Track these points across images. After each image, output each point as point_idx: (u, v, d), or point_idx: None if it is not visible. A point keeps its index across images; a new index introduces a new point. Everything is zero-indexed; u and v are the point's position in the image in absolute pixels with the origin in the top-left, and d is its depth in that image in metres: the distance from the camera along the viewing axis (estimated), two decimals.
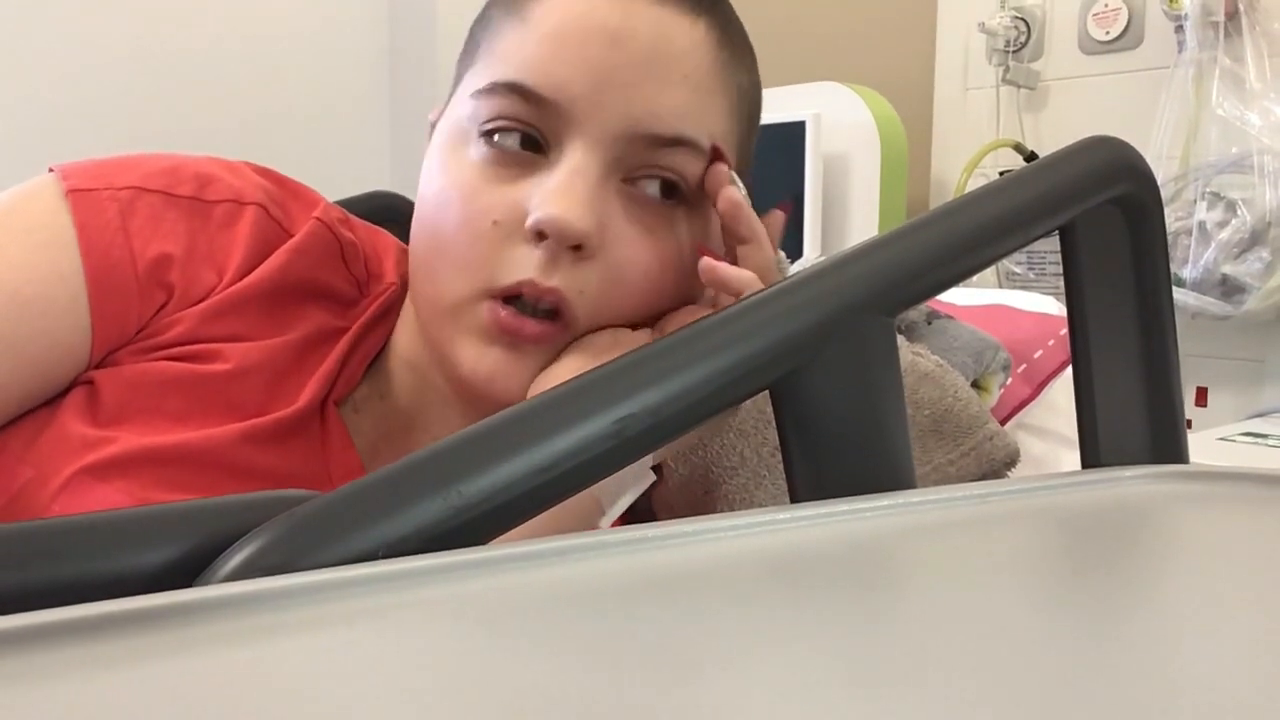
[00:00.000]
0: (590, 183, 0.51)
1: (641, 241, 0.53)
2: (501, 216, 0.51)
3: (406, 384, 0.59)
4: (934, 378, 0.75)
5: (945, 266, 0.44)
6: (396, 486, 0.32)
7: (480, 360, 0.52)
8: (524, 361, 0.52)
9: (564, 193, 0.50)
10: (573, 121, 0.51)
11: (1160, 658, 0.23)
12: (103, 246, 0.52)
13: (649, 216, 0.53)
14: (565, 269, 0.51)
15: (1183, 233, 1.57)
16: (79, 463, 0.48)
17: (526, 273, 0.50)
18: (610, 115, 0.51)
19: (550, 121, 0.51)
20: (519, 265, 0.51)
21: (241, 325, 0.54)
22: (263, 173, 0.59)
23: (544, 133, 0.52)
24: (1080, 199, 0.46)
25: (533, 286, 0.50)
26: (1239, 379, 1.68)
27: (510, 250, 0.51)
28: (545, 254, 0.50)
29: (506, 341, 0.51)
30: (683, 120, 0.52)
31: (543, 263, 0.50)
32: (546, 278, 0.50)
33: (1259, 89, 1.56)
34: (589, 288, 0.51)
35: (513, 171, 0.52)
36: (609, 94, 0.50)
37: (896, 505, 0.36)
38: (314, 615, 0.25)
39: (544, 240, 0.50)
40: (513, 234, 0.51)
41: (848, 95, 1.69)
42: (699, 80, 0.52)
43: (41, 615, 0.23)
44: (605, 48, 0.50)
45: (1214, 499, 0.38)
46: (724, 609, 0.26)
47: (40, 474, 0.49)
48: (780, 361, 0.40)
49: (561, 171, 0.51)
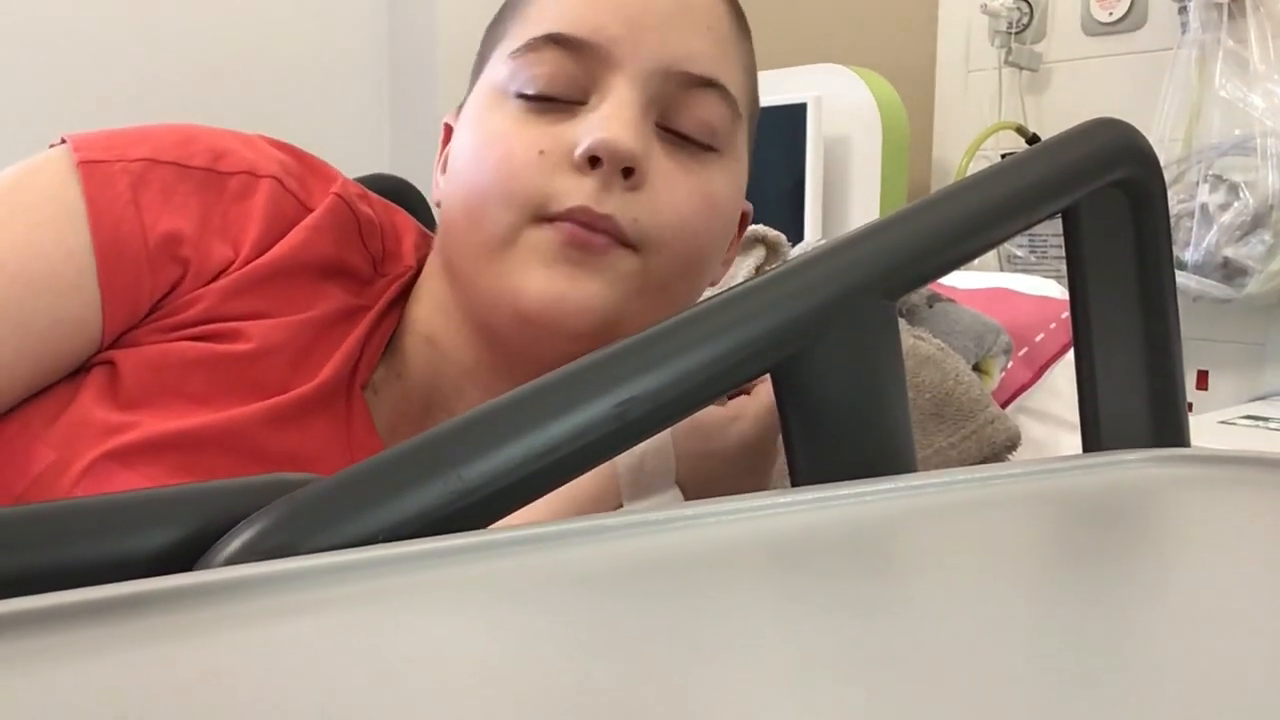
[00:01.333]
0: (636, 112, 0.52)
1: (682, 177, 0.54)
2: (548, 147, 0.52)
3: (424, 361, 0.58)
4: (935, 361, 0.75)
5: (947, 250, 0.44)
6: (397, 470, 0.32)
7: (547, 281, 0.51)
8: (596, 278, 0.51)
9: (613, 118, 0.51)
10: (611, 63, 0.52)
11: (1161, 641, 0.23)
12: (112, 220, 0.51)
13: (685, 157, 0.55)
14: (618, 196, 0.51)
15: (1185, 215, 1.56)
16: (100, 448, 0.48)
17: (579, 199, 0.51)
18: (647, 54, 0.52)
19: (590, 67, 0.53)
20: (571, 193, 0.51)
21: (262, 303, 0.54)
22: (279, 146, 0.59)
23: (583, 82, 0.53)
24: (1083, 182, 0.46)
25: (587, 212, 0.51)
26: (1240, 362, 1.68)
27: (559, 179, 0.51)
28: (598, 181, 0.51)
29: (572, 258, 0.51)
30: (713, 63, 0.54)
31: (596, 190, 0.51)
32: (600, 204, 0.51)
33: (1262, 71, 1.55)
34: (642, 215, 0.52)
35: (554, 116, 0.53)
36: (644, 34, 0.52)
37: (897, 489, 0.36)
38: (314, 599, 0.25)
39: (596, 167, 0.51)
40: (560, 163, 0.52)
41: (849, 77, 1.68)
42: (721, 32, 0.55)
43: (42, 599, 0.23)
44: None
45: (1215, 482, 0.38)
46: (725, 593, 0.26)
47: (61, 458, 0.49)
48: (781, 345, 0.40)
49: (608, 104, 0.52)
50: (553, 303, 0.51)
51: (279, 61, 1.47)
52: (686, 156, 0.55)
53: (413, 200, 0.72)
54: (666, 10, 0.53)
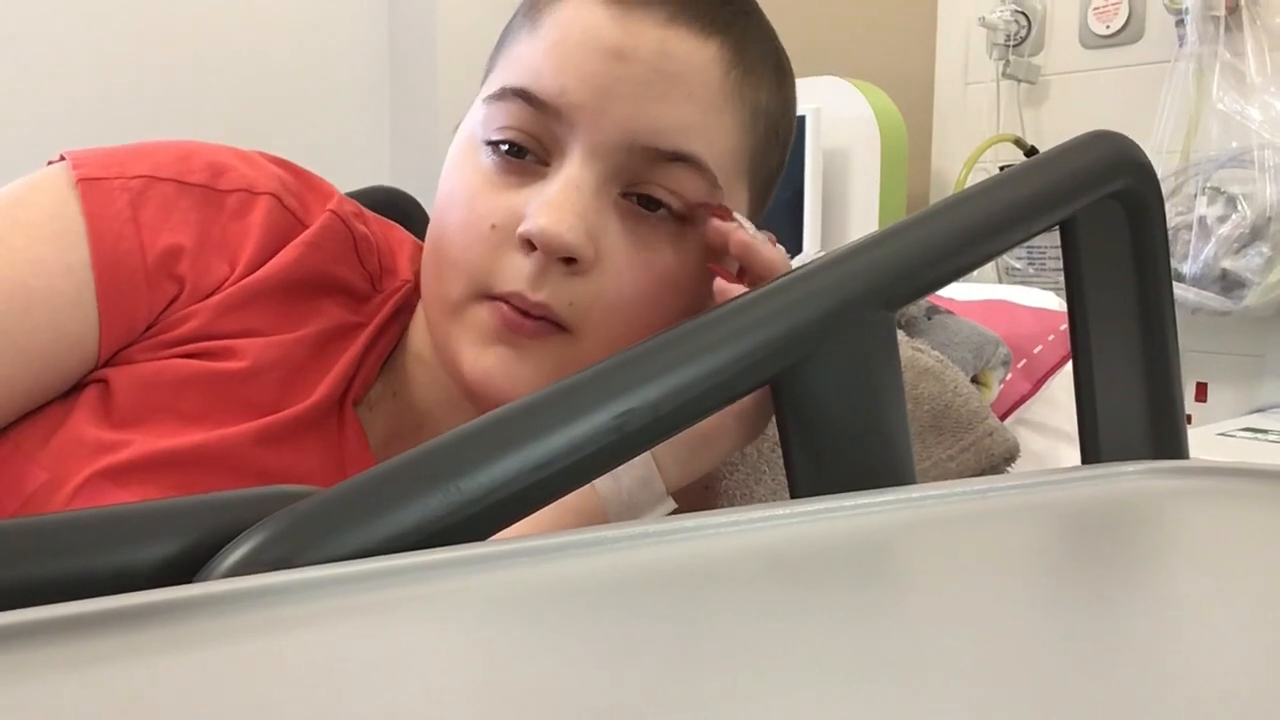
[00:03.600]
0: (585, 195, 0.50)
1: (638, 255, 0.52)
2: (499, 221, 0.52)
3: (421, 381, 0.59)
4: (934, 373, 0.75)
5: (945, 261, 0.44)
6: (396, 482, 0.32)
7: (479, 359, 0.52)
8: (524, 362, 0.52)
9: (556, 204, 0.50)
10: (574, 131, 0.51)
11: (1160, 653, 0.23)
12: (112, 238, 0.51)
13: (647, 231, 0.53)
14: (555, 281, 0.51)
15: (1183, 228, 1.57)
16: (93, 467, 0.48)
17: (517, 284, 0.51)
18: (610, 126, 0.50)
19: (553, 130, 0.51)
20: (511, 274, 0.51)
21: (256, 319, 0.54)
22: (278, 162, 0.59)
23: (546, 143, 0.52)
24: (1081, 194, 0.46)
25: (520, 299, 0.51)
26: (1239, 374, 1.68)
27: (505, 256, 0.51)
28: (535, 266, 0.50)
29: (506, 339, 0.51)
30: (684, 136, 0.51)
31: (532, 275, 0.50)
32: (534, 290, 0.50)
33: (1259, 83, 1.56)
34: (581, 300, 0.51)
35: (516, 179, 0.52)
36: (609, 105, 0.50)
37: (896, 501, 0.36)
38: (314, 610, 0.25)
39: (534, 251, 0.50)
40: (508, 239, 0.51)
41: (848, 90, 1.68)
42: (705, 99, 0.52)
43: (43, 611, 0.23)
44: (607, 62, 0.50)
45: (1214, 494, 0.38)
46: (723, 604, 0.26)
47: (54, 477, 0.48)
48: (780, 356, 0.40)
49: (557, 182, 0.51)
50: (482, 380, 0.52)
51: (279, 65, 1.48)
52: (648, 230, 0.53)
53: (410, 211, 0.72)
54: (641, 79, 0.50)
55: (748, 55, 0.54)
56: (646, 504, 0.52)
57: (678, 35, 0.51)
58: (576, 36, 0.51)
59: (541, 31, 0.52)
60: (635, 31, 0.51)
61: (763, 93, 0.56)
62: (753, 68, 0.55)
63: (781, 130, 0.59)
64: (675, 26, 0.51)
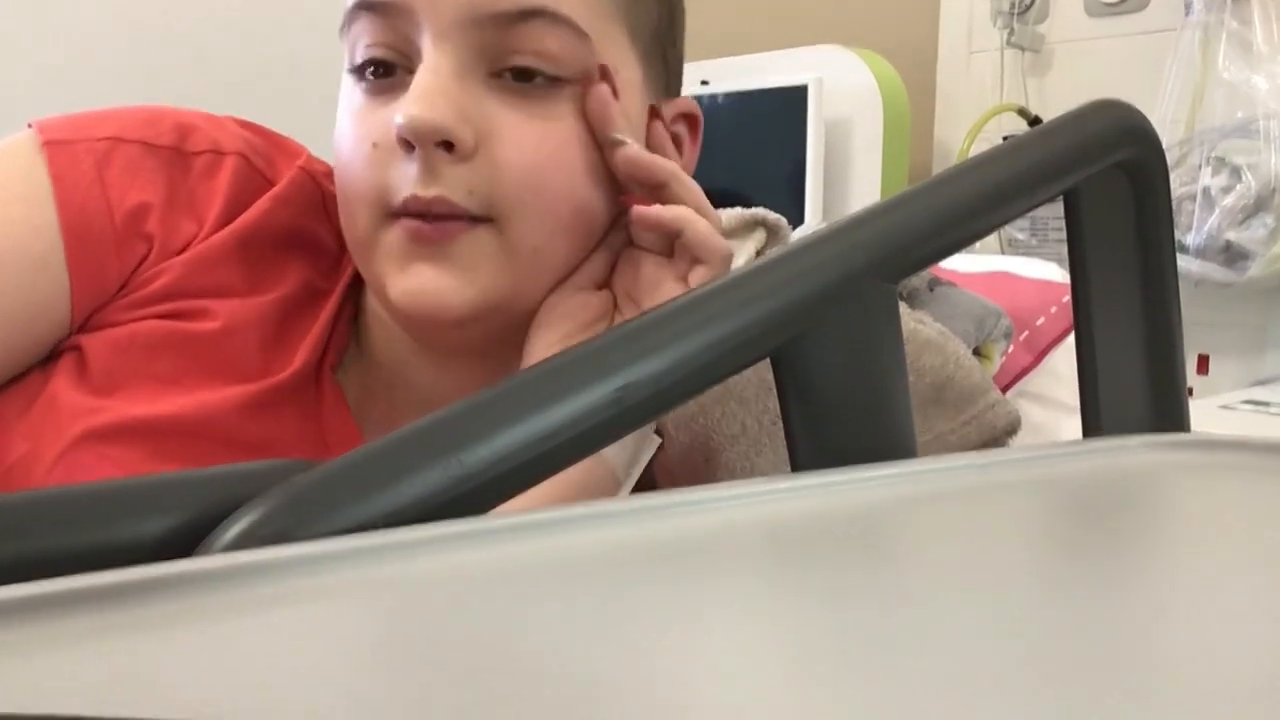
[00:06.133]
0: (444, 77, 0.49)
1: (527, 126, 0.51)
2: (379, 137, 0.51)
3: (381, 338, 0.58)
4: (936, 345, 0.75)
5: (948, 233, 0.44)
6: (396, 455, 0.32)
7: (402, 282, 0.50)
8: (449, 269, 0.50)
9: (417, 94, 0.49)
10: (418, 24, 0.50)
11: (1161, 627, 0.23)
12: (79, 198, 0.51)
13: (531, 103, 0.51)
14: (445, 173, 0.49)
15: (1187, 199, 1.56)
16: (72, 433, 0.48)
17: (408, 188, 0.49)
18: (447, 5, 0.49)
19: (404, 32, 0.50)
20: (401, 181, 0.50)
21: (228, 276, 0.54)
22: (246, 125, 0.59)
23: (405, 49, 0.51)
24: (1085, 164, 0.46)
25: (415, 200, 0.49)
26: (1241, 346, 1.67)
27: (393, 169, 0.50)
28: (419, 163, 0.49)
29: (421, 254, 0.50)
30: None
31: (420, 174, 0.49)
32: (425, 188, 0.49)
33: (1266, 53, 1.55)
34: (480, 185, 0.50)
35: (386, 96, 0.51)
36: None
37: (898, 474, 0.36)
38: (313, 585, 0.25)
39: (413, 150, 0.49)
40: (391, 152, 0.50)
41: (850, 59, 1.67)
42: None
43: (39, 586, 0.23)
44: None
45: (1215, 467, 0.38)
46: (725, 577, 0.26)
47: (35, 448, 0.49)
48: (782, 329, 0.40)
49: (416, 76, 0.50)
50: (413, 301, 0.50)
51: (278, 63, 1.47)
52: (531, 101, 0.51)
53: None
54: None
55: None
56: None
57: None
58: None
59: None
60: None
61: None
62: None
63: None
64: None
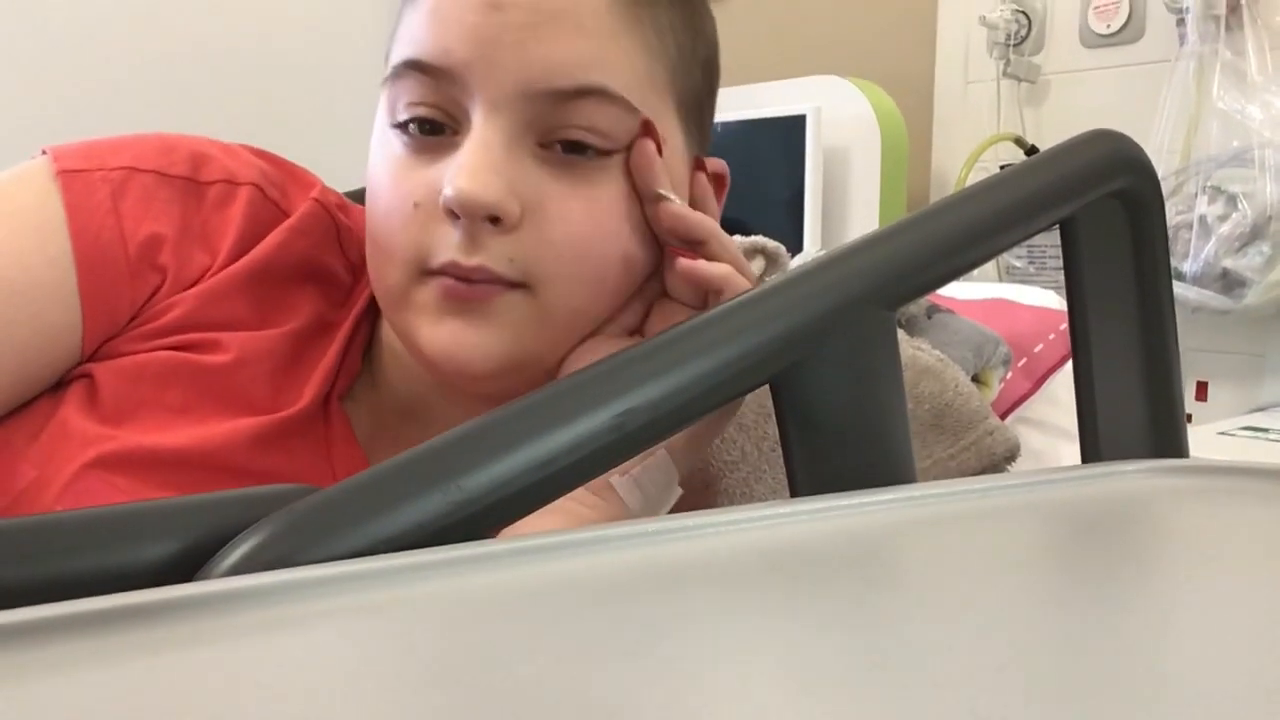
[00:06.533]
0: (495, 152, 0.49)
1: (573, 197, 0.51)
2: (421, 198, 0.51)
3: (398, 373, 0.58)
4: (934, 372, 0.75)
5: (946, 260, 0.44)
6: (396, 481, 0.32)
7: (436, 336, 0.51)
8: (481, 328, 0.50)
9: (468, 166, 0.49)
10: (470, 91, 0.50)
11: (1160, 653, 0.23)
12: (93, 229, 0.51)
13: (578, 175, 0.51)
14: (487, 243, 0.49)
15: (1183, 227, 1.57)
16: (81, 459, 0.48)
17: (449, 254, 0.50)
18: (503, 77, 0.49)
19: (453, 95, 0.50)
20: (443, 245, 0.50)
21: (240, 309, 0.54)
22: (260, 154, 0.59)
23: (452, 111, 0.51)
24: (1081, 193, 0.46)
25: (456, 267, 0.49)
26: (1239, 373, 1.68)
27: (434, 231, 0.50)
28: (463, 232, 0.49)
29: (455, 310, 0.50)
30: (583, 70, 0.49)
31: (463, 242, 0.49)
32: (468, 256, 0.49)
33: (1260, 82, 1.56)
34: (520, 254, 0.50)
35: (430, 155, 0.51)
36: (496, 56, 0.49)
37: (897, 500, 0.36)
38: (314, 610, 0.25)
39: (458, 218, 0.49)
40: (433, 214, 0.50)
41: (848, 89, 1.68)
42: (596, 28, 0.50)
43: (42, 610, 0.23)
44: (484, 13, 0.49)
45: (1214, 493, 0.38)
46: (724, 604, 0.26)
47: (43, 474, 0.48)
48: (781, 355, 0.40)
49: (466, 147, 0.50)
50: (445, 356, 0.51)
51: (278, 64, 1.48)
52: (579, 172, 0.51)
53: None
54: (522, 23, 0.49)
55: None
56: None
57: None
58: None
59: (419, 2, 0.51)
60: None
61: (661, 10, 0.53)
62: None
63: (699, 49, 0.57)
64: None
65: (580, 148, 0.51)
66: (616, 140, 0.52)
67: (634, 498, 0.51)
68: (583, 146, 0.51)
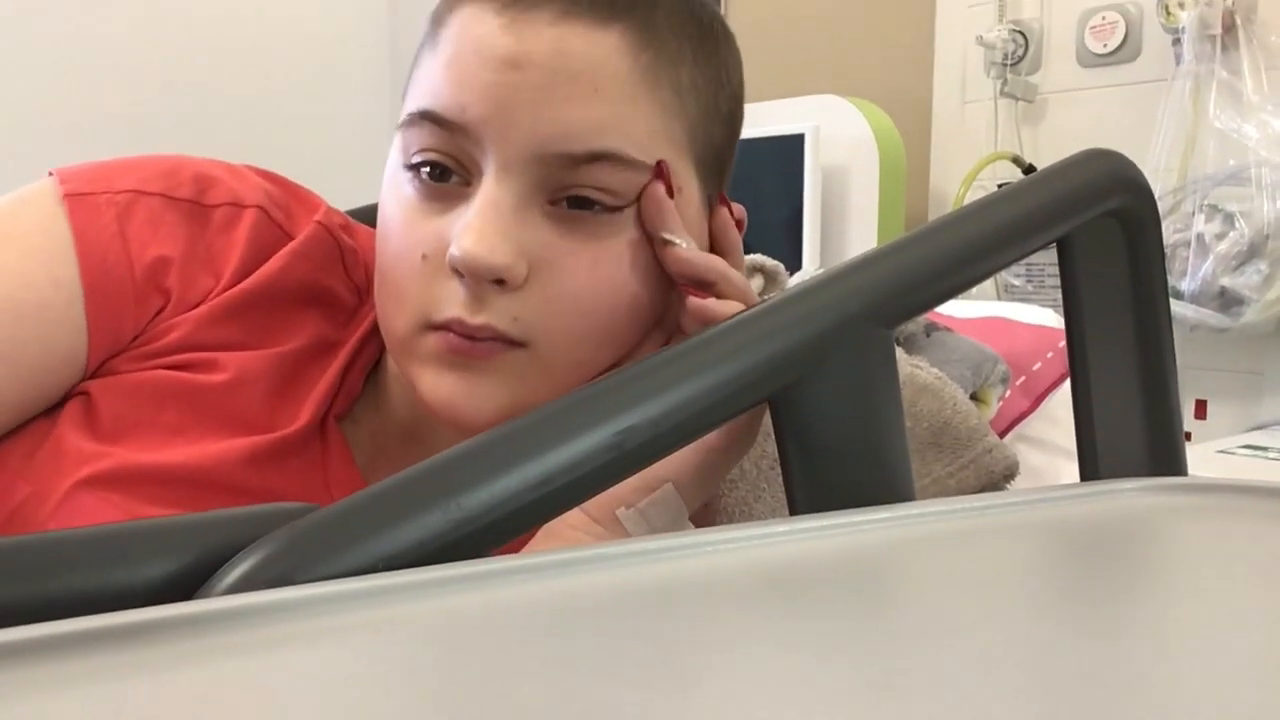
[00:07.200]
0: (504, 213, 0.49)
1: (581, 253, 0.51)
2: (429, 250, 0.50)
3: (402, 398, 0.58)
4: (933, 390, 0.75)
5: (944, 279, 0.44)
6: (396, 499, 0.32)
7: (438, 387, 0.51)
8: (482, 383, 0.51)
9: (477, 228, 0.48)
10: (484, 147, 0.49)
11: (1159, 671, 0.23)
12: (100, 252, 0.51)
13: (584, 229, 0.51)
14: (492, 302, 0.49)
15: (1181, 245, 1.57)
16: (75, 476, 0.48)
17: (454, 310, 0.49)
18: (518, 138, 0.49)
19: (466, 148, 0.50)
20: (448, 302, 0.50)
21: (239, 331, 0.54)
22: (265, 175, 0.59)
23: (464, 161, 0.51)
24: (1078, 212, 0.46)
25: (460, 325, 0.49)
26: (1238, 391, 1.68)
27: (440, 285, 0.50)
28: (468, 291, 0.49)
29: (458, 364, 0.50)
30: (598, 134, 0.49)
31: (468, 301, 0.49)
32: (473, 315, 0.49)
33: (1256, 101, 1.57)
34: (525, 314, 0.50)
35: (440, 204, 0.51)
36: (513, 116, 0.49)
37: (895, 518, 0.36)
38: (313, 628, 0.25)
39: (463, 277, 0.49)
40: (440, 267, 0.50)
41: (846, 108, 1.69)
42: (614, 91, 0.50)
43: (42, 628, 0.23)
44: (502, 71, 0.49)
45: (1213, 511, 0.38)
46: (723, 622, 0.26)
47: (38, 490, 0.49)
48: (779, 374, 0.40)
49: (475, 204, 0.49)
50: (445, 406, 0.51)
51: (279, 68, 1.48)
52: (586, 228, 0.51)
53: None
54: (540, 84, 0.48)
55: (658, 35, 0.51)
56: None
57: (572, 31, 0.49)
58: (470, 49, 0.49)
59: (440, 49, 0.51)
60: (527, 36, 0.49)
61: (683, 70, 0.53)
62: (666, 46, 0.52)
63: (722, 101, 0.56)
64: (569, 22, 0.49)
65: (588, 203, 0.51)
66: (627, 197, 0.51)
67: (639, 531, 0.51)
68: (590, 203, 0.51)
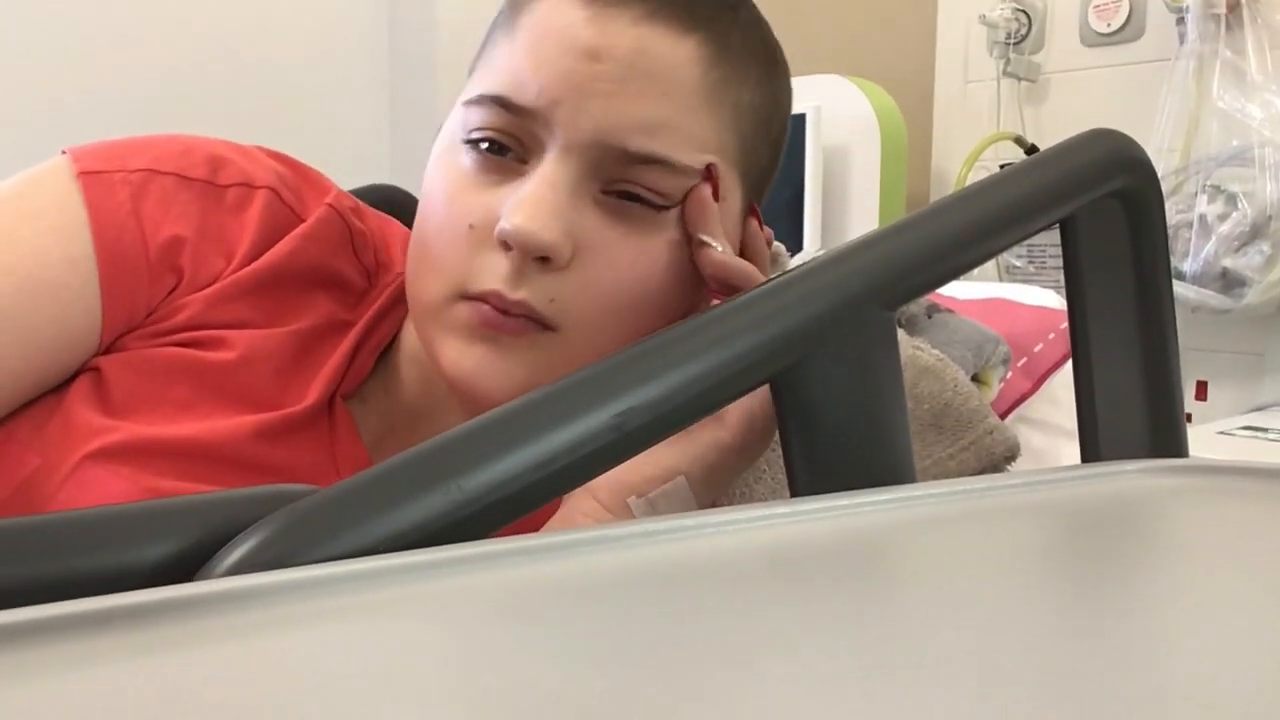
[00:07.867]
0: (560, 192, 0.50)
1: (625, 244, 0.52)
2: (477, 220, 0.51)
3: (413, 379, 0.59)
4: (934, 371, 0.75)
5: (945, 260, 0.44)
6: (396, 480, 0.32)
7: (462, 358, 0.51)
8: (507, 359, 0.51)
9: (531, 203, 0.49)
10: (549, 130, 0.50)
11: (1159, 652, 0.23)
12: (114, 230, 0.52)
13: (631, 225, 0.52)
14: (533, 280, 0.50)
15: (1183, 226, 1.57)
16: (85, 449, 0.49)
17: (494, 283, 0.50)
18: (586, 124, 0.50)
19: (531, 130, 0.51)
20: (489, 273, 0.50)
21: (248, 311, 0.54)
22: (276, 157, 0.59)
23: (525, 141, 0.52)
24: (1080, 192, 0.46)
25: (499, 298, 0.50)
26: (1239, 373, 1.68)
27: (484, 256, 0.51)
28: (512, 265, 0.50)
29: (488, 337, 0.51)
30: (655, 138, 0.51)
31: (509, 274, 0.50)
32: (513, 290, 0.50)
33: (1260, 81, 1.56)
34: (562, 296, 0.51)
35: (494, 178, 0.52)
36: (585, 103, 0.50)
37: (896, 499, 0.36)
38: (314, 610, 0.25)
39: (511, 250, 0.50)
40: (486, 239, 0.51)
41: (848, 88, 1.68)
42: (680, 98, 0.51)
43: (43, 610, 0.23)
44: (582, 61, 0.50)
45: (1214, 493, 0.38)
46: (724, 603, 0.26)
47: (47, 462, 0.49)
48: (781, 355, 0.40)
49: (533, 181, 0.50)
50: (465, 378, 0.51)
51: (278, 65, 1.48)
52: (633, 223, 0.52)
53: (408, 209, 0.72)
54: (616, 77, 0.50)
55: (730, 52, 0.53)
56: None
57: (654, 32, 0.51)
58: (552, 37, 0.51)
59: (518, 34, 0.52)
60: (610, 31, 0.50)
61: (746, 90, 0.54)
62: (735, 65, 0.53)
63: (774, 126, 0.58)
64: (652, 23, 0.51)
65: (637, 198, 0.52)
66: (673, 199, 0.53)
67: None
68: (640, 198, 0.52)
